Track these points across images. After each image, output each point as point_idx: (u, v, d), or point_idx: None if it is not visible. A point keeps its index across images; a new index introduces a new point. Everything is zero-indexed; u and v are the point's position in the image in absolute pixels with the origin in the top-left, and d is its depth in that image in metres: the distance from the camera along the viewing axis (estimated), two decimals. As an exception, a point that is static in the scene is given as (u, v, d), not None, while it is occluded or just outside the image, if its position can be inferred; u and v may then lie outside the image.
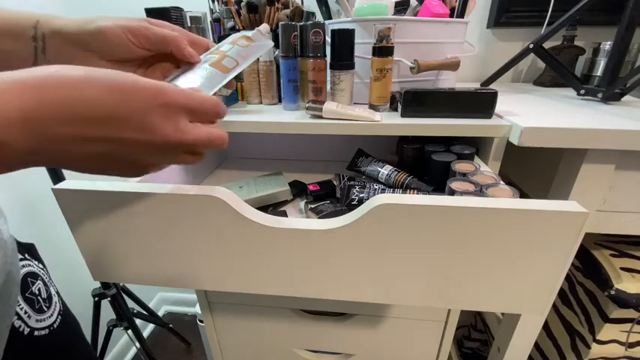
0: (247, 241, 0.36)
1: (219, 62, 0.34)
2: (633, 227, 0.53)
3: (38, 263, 0.46)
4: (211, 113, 0.27)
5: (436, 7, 0.55)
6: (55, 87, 0.20)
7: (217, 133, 0.27)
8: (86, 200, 0.36)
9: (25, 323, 0.39)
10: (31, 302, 0.41)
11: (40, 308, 0.42)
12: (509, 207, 0.30)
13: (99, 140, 0.22)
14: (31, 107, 0.20)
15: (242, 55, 0.36)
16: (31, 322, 0.40)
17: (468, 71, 0.90)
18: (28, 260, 0.44)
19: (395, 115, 0.53)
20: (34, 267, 0.44)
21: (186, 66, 0.34)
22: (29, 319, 0.40)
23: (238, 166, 0.77)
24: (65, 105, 0.20)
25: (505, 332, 0.69)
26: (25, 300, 0.40)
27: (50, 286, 0.46)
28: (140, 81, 0.23)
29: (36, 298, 0.42)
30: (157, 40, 0.33)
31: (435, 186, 0.52)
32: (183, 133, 0.25)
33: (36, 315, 0.41)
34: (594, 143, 0.44)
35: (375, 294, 0.38)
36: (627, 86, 0.56)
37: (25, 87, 0.20)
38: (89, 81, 0.21)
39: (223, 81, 0.33)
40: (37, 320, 0.41)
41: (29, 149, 0.20)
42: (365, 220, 0.33)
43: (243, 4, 0.62)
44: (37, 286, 0.43)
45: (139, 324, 1.11)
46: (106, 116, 0.22)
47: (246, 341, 0.69)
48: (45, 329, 0.42)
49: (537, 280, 0.34)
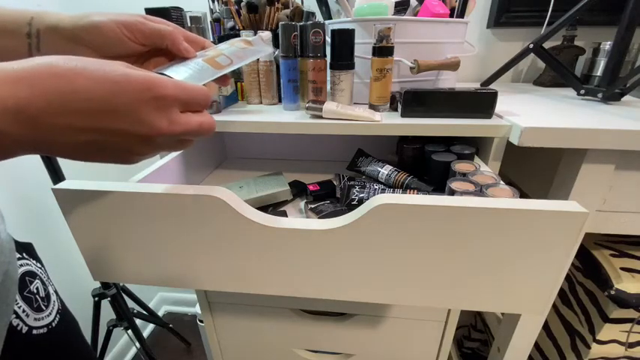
0: (247, 241, 0.36)
1: (212, 58, 0.34)
2: (633, 227, 0.53)
3: (36, 262, 0.46)
4: (202, 103, 0.27)
5: (436, 7, 0.55)
6: (47, 78, 0.21)
7: (207, 121, 0.28)
8: (86, 200, 0.36)
9: (24, 322, 0.39)
10: (30, 301, 0.41)
11: (38, 307, 0.42)
12: (509, 207, 0.30)
13: (91, 130, 0.23)
14: (24, 97, 0.20)
15: (238, 55, 0.36)
16: (30, 321, 0.40)
17: (468, 71, 0.90)
18: (26, 259, 0.44)
19: (395, 115, 0.53)
20: (32, 266, 0.44)
21: (180, 60, 0.34)
22: (27, 318, 0.40)
23: (238, 166, 0.77)
24: (57, 96, 0.21)
25: (505, 332, 0.69)
26: (24, 299, 0.40)
27: (48, 285, 0.46)
28: (132, 72, 0.23)
29: (34, 297, 0.42)
30: (152, 34, 0.33)
31: (435, 186, 0.52)
32: (177, 124, 0.25)
33: (34, 314, 0.41)
34: (594, 143, 0.44)
35: (375, 294, 0.38)
36: (627, 86, 0.56)
37: (17, 77, 0.20)
38: (81, 72, 0.22)
39: (213, 76, 0.33)
40: (35, 319, 0.41)
41: (23, 137, 0.21)
42: (365, 220, 0.33)
43: (243, 4, 0.62)
44: (36, 285, 0.43)
45: (139, 324, 1.11)
46: (98, 108, 0.22)
47: (246, 341, 0.69)
48: (43, 328, 0.42)
49: (537, 280, 0.34)
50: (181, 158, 0.57)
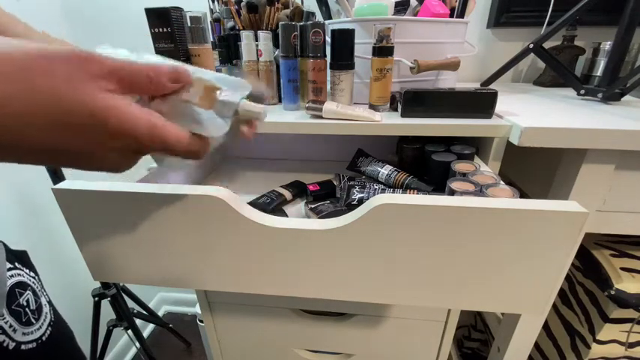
0: (247, 241, 0.36)
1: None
2: (633, 227, 0.53)
3: (29, 272, 0.45)
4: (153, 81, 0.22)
5: (436, 7, 0.55)
6: None
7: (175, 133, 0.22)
8: (86, 200, 0.36)
9: (10, 337, 0.38)
10: (18, 315, 0.40)
11: (27, 320, 0.41)
12: (509, 207, 0.30)
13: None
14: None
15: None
16: (17, 336, 0.39)
17: (468, 71, 0.90)
18: (19, 269, 0.43)
19: (395, 115, 0.53)
20: (24, 276, 0.43)
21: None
22: (14, 333, 0.39)
23: (238, 166, 0.77)
24: None
25: (505, 332, 0.69)
26: (11, 313, 0.39)
27: (41, 296, 0.45)
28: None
29: (23, 310, 0.41)
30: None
31: (435, 186, 0.52)
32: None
33: (22, 328, 0.40)
34: (594, 143, 0.44)
35: (375, 294, 0.38)
36: (627, 86, 0.56)
37: None
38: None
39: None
40: (23, 333, 0.40)
41: None
42: (365, 220, 0.33)
43: (243, 4, 0.62)
44: (26, 297, 0.42)
45: (139, 324, 1.11)
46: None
47: (246, 341, 0.69)
48: (32, 342, 0.40)
49: (537, 280, 0.34)
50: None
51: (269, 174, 0.72)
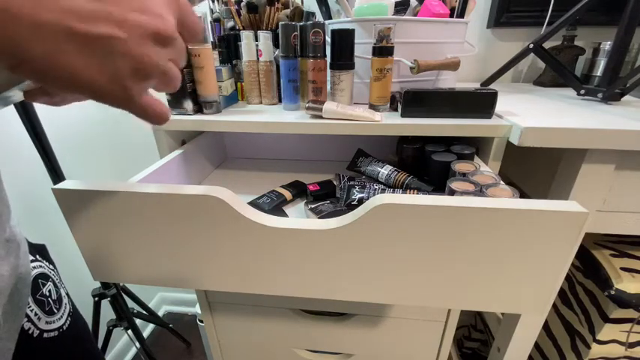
0: (247, 241, 0.36)
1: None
2: (633, 227, 0.53)
3: (49, 264, 0.46)
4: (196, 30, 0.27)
5: (436, 7, 0.55)
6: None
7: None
8: (86, 200, 0.36)
9: (35, 325, 0.39)
10: (42, 304, 0.41)
11: (50, 310, 0.42)
12: (509, 207, 0.30)
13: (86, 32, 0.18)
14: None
15: None
16: (41, 324, 0.40)
17: (468, 71, 0.90)
18: (40, 261, 0.44)
19: (395, 115, 0.53)
20: (45, 268, 0.44)
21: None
22: (39, 321, 0.40)
23: (238, 166, 0.77)
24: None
25: (505, 332, 0.69)
26: (36, 302, 0.40)
27: (60, 288, 0.46)
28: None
29: (46, 300, 0.42)
30: None
31: (435, 186, 0.52)
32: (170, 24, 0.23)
33: (46, 317, 0.41)
34: (594, 143, 0.44)
35: (375, 294, 0.38)
36: (627, 86, 0.56)
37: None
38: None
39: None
40: (46, 322, 0.41)
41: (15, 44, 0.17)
42: (365, 220, 0.33)
43: (243, 4, 0.62)
44: (48, 287, 0.43)
45: (139, 324, 1.11)
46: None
47: (246, 341, 0.69)
48: (55, 331, 0.41)
49: (537, 280, 0.34)
50: (181, 158, 0.57)
51: (269, 174, 0.72)
